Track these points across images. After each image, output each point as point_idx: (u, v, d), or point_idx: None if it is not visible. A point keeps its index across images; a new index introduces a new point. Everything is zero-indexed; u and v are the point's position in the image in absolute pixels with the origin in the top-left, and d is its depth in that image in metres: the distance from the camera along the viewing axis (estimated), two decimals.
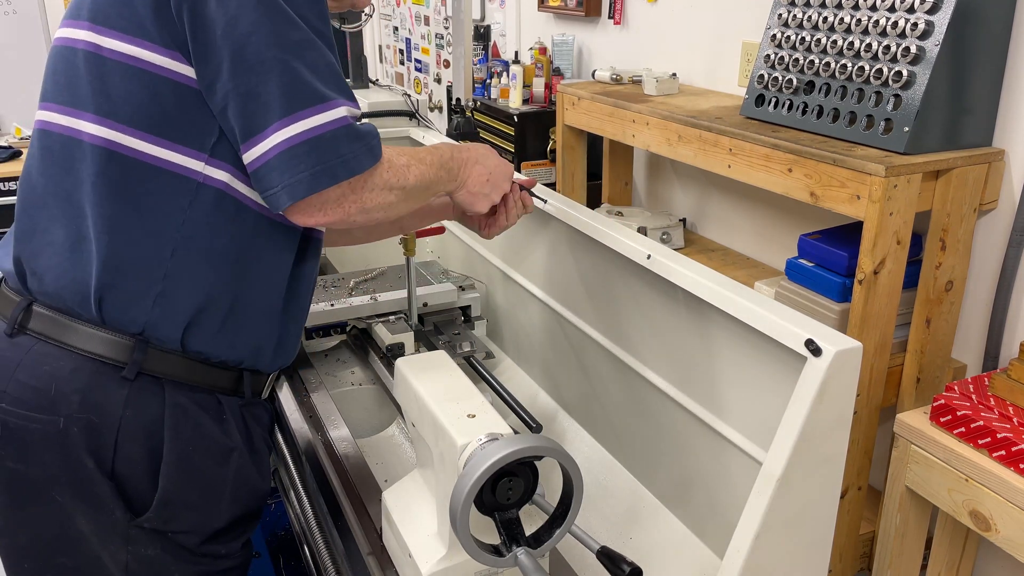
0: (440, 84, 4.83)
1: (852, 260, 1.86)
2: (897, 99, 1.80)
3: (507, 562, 1.02)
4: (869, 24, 1.88)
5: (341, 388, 1.89)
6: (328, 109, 1.05)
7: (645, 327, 1.50)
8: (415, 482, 1.21)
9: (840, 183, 1.79)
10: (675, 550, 1.44)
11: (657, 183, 3.06)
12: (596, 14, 3.26)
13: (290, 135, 1.02)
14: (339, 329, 2.00)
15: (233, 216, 1.14)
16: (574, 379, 1.80)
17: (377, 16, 5.72)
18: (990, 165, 1.84)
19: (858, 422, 1.87)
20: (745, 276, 2.39)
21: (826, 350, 1.06)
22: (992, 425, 1.53)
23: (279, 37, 1.03)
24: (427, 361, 1.23)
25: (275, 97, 1.02)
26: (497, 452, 0.96)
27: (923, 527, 1.78)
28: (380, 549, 1.27)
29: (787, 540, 1.14)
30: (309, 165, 1.03)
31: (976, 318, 1.98)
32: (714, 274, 1.31)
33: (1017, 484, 1.47)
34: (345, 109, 1.07)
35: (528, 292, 1.92)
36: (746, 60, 2.54)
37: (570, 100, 2.79)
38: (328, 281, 2.06)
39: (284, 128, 1.02)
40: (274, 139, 1.03)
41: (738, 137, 2.05)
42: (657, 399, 1.49)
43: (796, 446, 1.07)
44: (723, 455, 1.33)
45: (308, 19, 1.07)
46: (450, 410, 1.08)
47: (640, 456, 1.60)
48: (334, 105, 1.05)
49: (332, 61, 1.09)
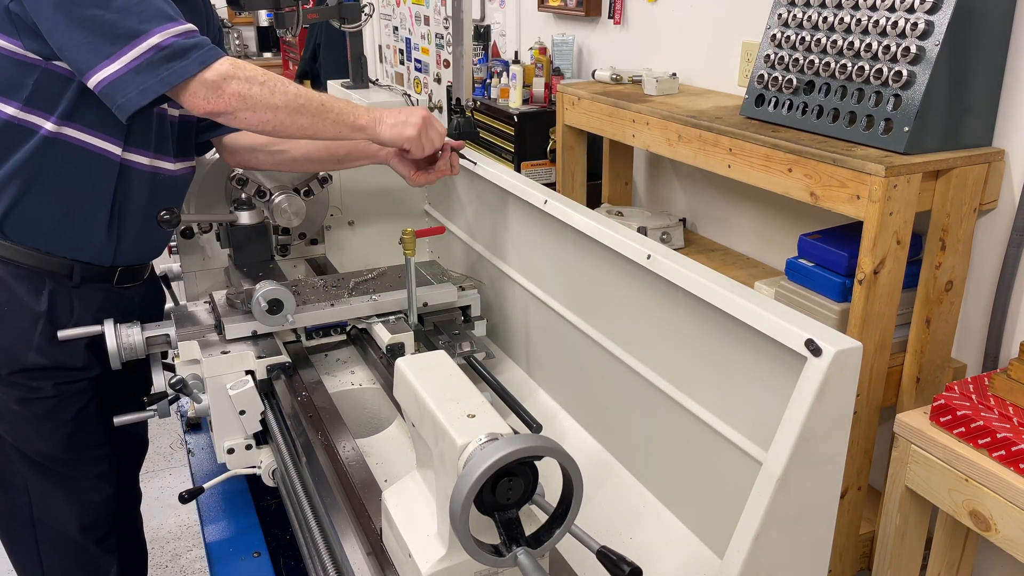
0: (440, 84, 4.83)
1: (852, 260, 1.86)
2: (897, 99, 1.80)
3: (507, 562, 1.02)
4: (869, 24, 1.88)
5: (341, 388, 1.89)
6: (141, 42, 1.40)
7: (645, 327, 1.50)
8: (415, 482, 1.21)
9: (840, 183, 1.79)
10: (675, 550, 1.44)
11: (657, 183, 3.06)
12: (596, 14, 3.26)
13: (115, 68, 1.40)
14: (339, 329, 2.00)
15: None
16: (574, 379, 1.80)
17: (377, 16, 5.73)
18: (990, 165, 1.84)
19: (858, 422, 1.87)
20: (745, 276, 2.39)
21: (826, 350, 1.06)
22: (992, 425, 1.53)
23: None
24: (427, 361, 1.23)
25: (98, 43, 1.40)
26: (497, 452, 0.96)
27: (923, 527, 1.78)
28: (380, 549, 1.27)
29: (787, 540, 1.14)
30: (136, 84, 1.41)
31: (976, 318, 1.98)
32: (714, 274, 1.31)
33: (1017, 484, 1.47)
34: (157, 37, 1.40)
35: (528, 292, 1.92)
36: (746, 60, 2.54)
37: (570, 100, 2.79)
38: (328, 281, 2.06)
39: (110, 64, 1.40)
40: (104, 72, 1.40)
41: (738, 137, 2.05)
42: (657, 399, 1.49)
43: (796, 446, 1.07)
44: (723, 455, 1.33)
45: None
46: (450, 410, 1.08)
47: (640, 456, 1.60)
48: (145, 38, 1.40)
49: (151, 2, 1.41)
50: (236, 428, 1.71)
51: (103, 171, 1.60)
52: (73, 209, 1.60)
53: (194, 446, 2.21)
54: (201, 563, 2.76)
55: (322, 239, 2.45)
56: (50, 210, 1.58)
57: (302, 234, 2.36)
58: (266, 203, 2.01)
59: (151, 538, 2.85)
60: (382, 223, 2.51)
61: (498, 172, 1.97)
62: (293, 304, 1.79)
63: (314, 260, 2.44)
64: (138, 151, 1.64)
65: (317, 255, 2.46)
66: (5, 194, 1.55)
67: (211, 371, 1.69)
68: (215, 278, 2.32)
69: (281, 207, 1.99)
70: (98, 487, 1.81)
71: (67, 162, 1.55)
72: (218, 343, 1.77)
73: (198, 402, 1.71)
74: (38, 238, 1.60)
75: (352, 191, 2.46)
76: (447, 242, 2.41)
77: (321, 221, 2.36)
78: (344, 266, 2.43)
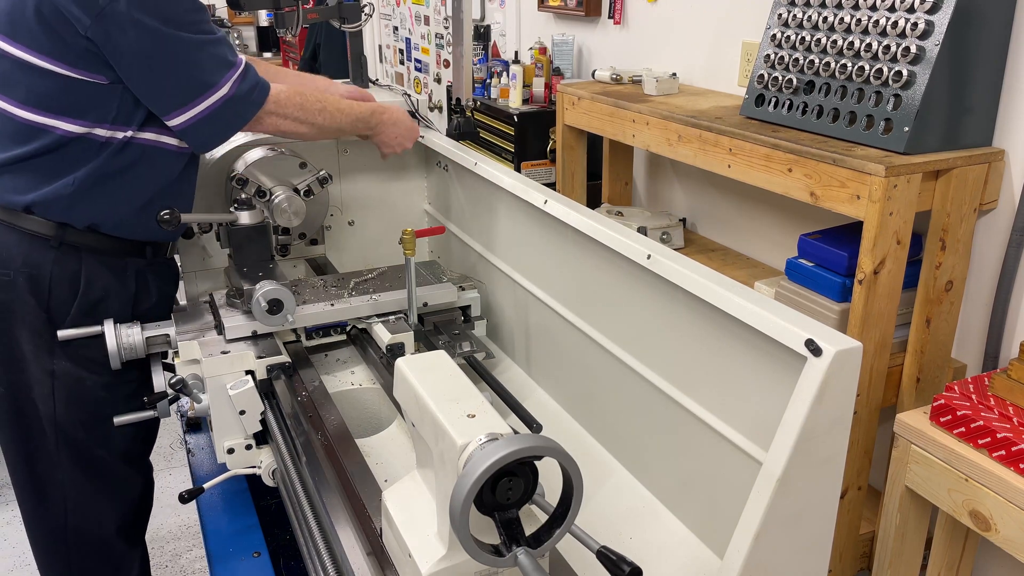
0: (440, 84, 4.83)
1: (852, 260, 1.86)
2: (897, 99, 1.80)
3: (507, 562, 1.02)
4: (869, 24, 1.88)
5: (341, 388, 1.89)
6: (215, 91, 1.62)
7: (645, 327, 1.50)
8: (415, 482, 1.21)
9: (840, 183, 1.79)
10: (675, 550, 1.44)
11: (657, 183, 3.06)
12: (596, 14, 3.26)
13: (191, 115, 1.62)
14: (339, 329, 2.00)
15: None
16: (574, 379, 1.80)
17: (377, 16, 5.73)
18: (990, 165, 1.84)
19: (858, 422, 1.87)
20: (745, 276, 2.39)
21: (826, 350, 1.06)
22: (992, 425, 1.53)
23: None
24: (427, 361, 1.23)
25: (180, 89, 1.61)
26: (497, 452, 0.96)
27: (923, 527, 1.78)
28: (380, 549, 1.27)
29: (787, 540, 1.14)
30: (211, 130, 1.66)
31: (976, 318, 1.98)
32: (714, 274, 1.31)
33: (1017, 484, 1.47)
34: (225, 88, 1.62)
35: (528, 292, 1.92)
36: (746, 60, 2.54)
37: (570, 100, 2.79)
38: (328, 281, 2.06)
39: (186, 112, 1.61)
40: (181, 118, 1.62)
41: (738, 137, 2.05)
42: (657, 399, 1.49)
43: (796, 446, 1.07)
44: (723, 455, 1.33)
45: (193, 25, 1.58)
46: (450, 410, 1.08)
47: (640, 456, 1.60)
48: (216, 90, 1.62)
49: (212, 51, 1.61)
50: (236, 428, 1.71)
51: (174, 165, 1.75)
52: (153, 199, 1.73)
53: (194, 446, 2.21)
54: (201, 563, 2.76)
55: (322, 239, 2.45)
56: (132, 203, 1.71)
57: (302, 234, 2.36)
58: (266, 203, 2.01)
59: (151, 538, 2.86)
60: (382, 223, 2.51)
61: (498, 172, 1.97)
62: (293, 304, 1.79)
63: (314, 260, 2.45)
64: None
65: (317, 255, 2.46)
66: (93, 194, 1.65)
67: (211, 371, 1.69)
68: (215, 278, 2.32)
69: (281, 207, 1.99)
70: (135, 479, 1.91)
71: (147, 161, 1.69)
72: (218, 343, 1.77)
73: (198, 402, 1.71)
74: (123, 228, 1.72)
75: (352, 191, 2.46)
76: (447, 242, 2.42)
77: (321, 221, 2.36)
78: (344, 266, 2.43)
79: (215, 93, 1.61)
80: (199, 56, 1.60)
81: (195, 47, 1.59)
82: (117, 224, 1.71)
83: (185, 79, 1.59)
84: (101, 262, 1.71)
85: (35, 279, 1.65)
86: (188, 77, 1.59)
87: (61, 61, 1.55)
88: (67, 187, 1.62)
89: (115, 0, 1.50)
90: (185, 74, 1.59)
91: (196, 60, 1.59)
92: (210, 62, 1.61)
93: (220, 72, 1.62)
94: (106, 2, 1.50)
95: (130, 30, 1.52)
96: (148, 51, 1.54)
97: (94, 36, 1.52)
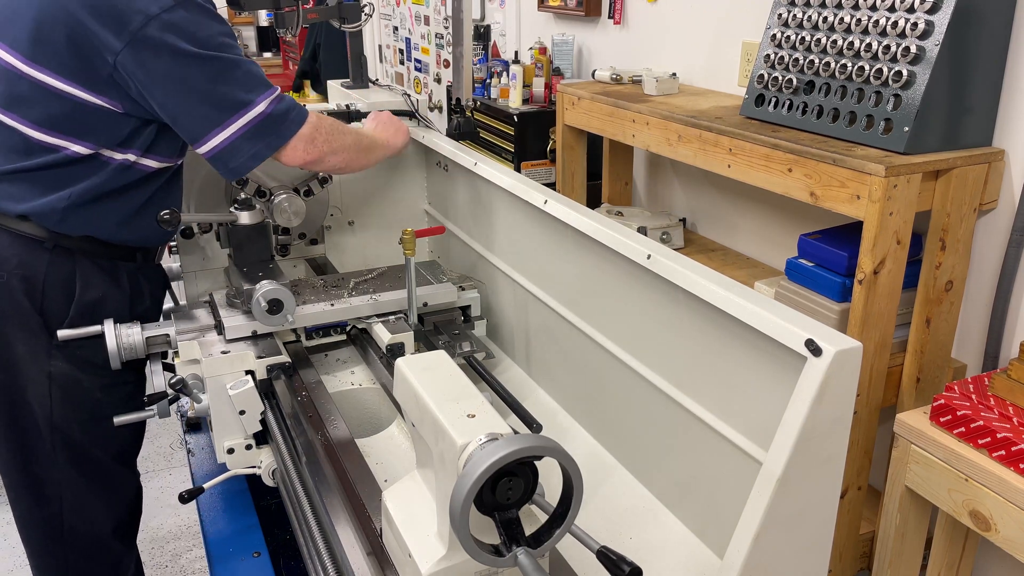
0: (440, 84, 4.83)
1: (852, 260, 1.86)
2: (897, 99, 1.80)
3: (507, 562, 1.02)
4: (869, 24, 1.88)
5: (341, 388, 1.89)
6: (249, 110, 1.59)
7: (645, 327, 1.50)
8: (415, 482, 1.21)
9: (840, 183, 1.79)
10: (675, 550, 1.44)
11: (657, 183, 3.06)
12: (596, 14, 3.26)
13: (226, 135, 1.59)
14: (339, 329, 2.00)
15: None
16: (574, 379, 1.80)
17: (377, 16, 5.72)
18: (990, 165, 1.84)
19: (858, 422, 1.87)
20: (745, 276, 2.39)
21: (826, 350, 1.06)
22: (992, 425, 1.53)
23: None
24: (427, 361, 1.23)
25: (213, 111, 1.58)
26: (497, 452, 0.96)
27: (923, 527, 1.78)
28: (380, 549, 1.27)
29: (787, 540, 1.14)
30: (247, 150, 1.61)
31: (976, 318, 1.98)
32: (714, 274, 1.31)
33: (1017, 484, 1.47)
34: (262, 105, 1.58)
35: (528, 292, 1.92)
36: (746, 60, 2.54)
37: (570, 100, 2.79)
38: (328, 281, 2.06)
39: (221, 131, 1.58)
40: (216, 139, 1.59)
41: (738, 137, 2.05)
42: (657, 399, 1.49)
43: (796, 446, 1.07)
44: (723, 455, 1.33)
45: (226, 47, 1.57)
46: (450, 410, 1.08)
47: (640, 456, 1.60)
48: (252, 107, 1.59)
49: (248, 70, 1.59)
50: (236, 428, 1.71)
51: (165, 179, 1.76)
52: (144, 207, 1.75)
53: (194, 446, 2.21)
54: (201, 563, 2.76)
55: (322, 239, 2.45)
56: (127, 212, 1.72)
57: (302, 234, 2.36)
58: (266, 203, 2.01)
59: (151, 538, 2.86)
60: (382, 223, 2.51)
61: (498, 172, 1.97)
62: (293, 304, 1.79)
63: (314, 260, 2.45)
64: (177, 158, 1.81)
65: (317, 255, 2.46)
66: (88, 208, 1.66)
67: (211, 371, 1.69)
68: (215, 278, 2.32)
69: (281, 207, 1.99)
70: (129, 480, 1.90)
71: (142, 179, 1.71)
72: (218, 343, 1.77)
73: (198, 402, 1.72)
74: (115, 236, 1.73)
75: (352, 191, 2.46)
76: (447, 242, 2.42)
77: (321, 221, 2.36)
78: (344, 266, 2.43)
79: (251, 110, 1.57)
80: (234, 75, 1.57)
81: (230, 66, 1.57)
82: (110, 233, 1.71)
83: (219, 98, 1.56)
84: (95, 265, 1.72)
85: (29, 281, 1.65)
86: (222, 96, 1.56)
87: (83, 86, 1.54)
88: (62, 200, 1.62)
89: (147, 25, 1.50)
90: (219, 94, 1.56)
91: (230, 79, 1.57)
92: (246, 80, 1.59)
93: (256, 91, 1.59)
94: (137, 27, 1.50)
95: (164, 54, 1.51)
96: (181, 74, 1.53)
97: (124, 61, 1.51)
